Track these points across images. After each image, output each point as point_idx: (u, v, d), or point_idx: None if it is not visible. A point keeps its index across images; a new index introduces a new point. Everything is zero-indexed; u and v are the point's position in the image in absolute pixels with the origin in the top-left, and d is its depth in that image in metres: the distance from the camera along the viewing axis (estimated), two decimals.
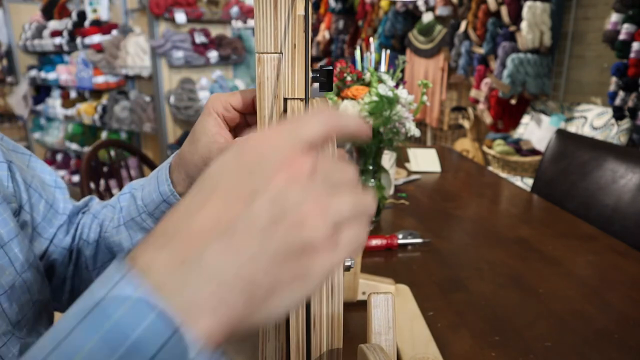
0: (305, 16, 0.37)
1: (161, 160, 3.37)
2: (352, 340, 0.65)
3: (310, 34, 0.39)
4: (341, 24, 4.26)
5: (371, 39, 1.03)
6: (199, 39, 3.14)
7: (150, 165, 1.70)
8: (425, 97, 0.97)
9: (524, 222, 1.09)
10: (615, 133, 2.19)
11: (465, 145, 3.19)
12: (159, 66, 3.11)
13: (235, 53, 3.36)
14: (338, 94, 0.95)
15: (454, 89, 3.59)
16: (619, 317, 0.71)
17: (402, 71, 0.96)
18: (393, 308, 0.34)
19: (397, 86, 0.92)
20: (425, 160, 1.53)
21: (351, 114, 0.34)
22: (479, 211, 1.16)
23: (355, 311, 0.71)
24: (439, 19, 3.40)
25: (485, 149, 2.73)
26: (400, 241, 0.94)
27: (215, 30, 3.37)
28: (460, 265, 0.87)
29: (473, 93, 2.98)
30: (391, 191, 1.21)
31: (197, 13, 3.13)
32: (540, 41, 2.56)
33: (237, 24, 3.57)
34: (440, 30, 3.35)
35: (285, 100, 0.41)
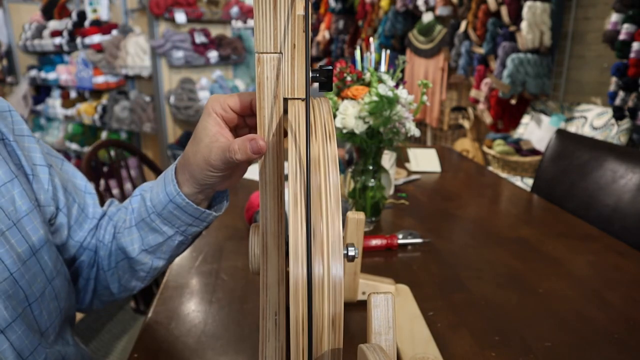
0: (305, 16, 0.37)
1: (161, 160, 3.38)
2: (352, 340, 0.65)
3: (310, 34, 0.39)
4: (341, 24, 4.26)
5: (371, 39, 1.03)
6: (199, 39, 3.14)
7: (150, 165, 1.70)
8: (425, 97, 0.97)
9: (524, 222, 1.09)
10: (615, 133, 2.19)
11: (465, 145, 3.19)
12: (159, 66, 3.11)
13: (235, 53, 3.36)
14: (338, 94, 0.95)
15: (454, 89, 3.59)
16: (619, 317, 0.71)
17: (402, 71, 0.96)
18: (393, 308, 0.34)
19: (397, 86, 0.92)
20: (425, 160, 1.53)
21: None
22: (479, 211, 1.16)
23: (355, 311, 0.71)
24: (439, 19, 3.40)
25: (485, 149, 2.73)
26: (400, 241, 0.94)
27: (215, 30, 3.37)
28: (460, 265, 0.87)
29: (473, 93, 2.98)
30: (391, 191, 1.21)
31: (197, 13, 3.13)
32: (540, 41, 2.56)
33: (237, 24, 3.57)
34: (440, 30, 3.35)
35: (285, 100, 0.41)
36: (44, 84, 3.94)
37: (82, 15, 3.60)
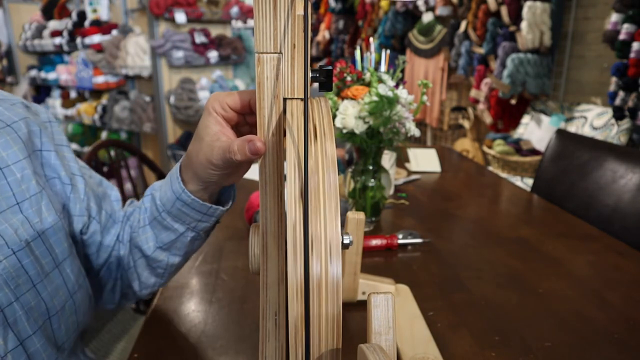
0: (305, 16, 0.37)
1: (161, 160, 3.38)
2: (352, 340, 0.65)
3: (310, 34, 0.39)
4: (341, 24, 4.26)
5: (371, 39, 1.03)
6: (199, 39, 3.14)
7: (150, 165, 1.69)
8: (425, 97, 0.97)
9: (524, 222, 1.09)
10: (615, 133, 2.19)
11: (465, 145, 3.19)
12: (159, 66, 3.11)
13: (235, 53, 3.36)
14: (338, 94, 0.95)
15: (454, 89, 3.59)
16: (619, 317, 0.71)
17: (402, 71, 0.96)
18: (393, 308, 0.34)
19: (397, 86, 0.92)
20: (425, 160, 1.53)
21: None
22: (479, 211, 1.16)
23: (355, 311, 0.71)
24: (439, 19, 3.40)
25: (485, 149, 2.73)
26: (400, 241, 0.94)
27: (215, 30, 3.37)
28: (460, 265, 0.87)
29: (473, 93, 2.98)
30: (391, 191, 1.21)
31: (197, 13, 3.13)
32: (540, 41, 2.56)
33: (237, 24, 3.57)
34: (440, 30, 3.35)
35: (285, 100, 0.41)
36: (44, 84, 3.94)
37: (82, 15, 3.60)
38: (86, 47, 3.46)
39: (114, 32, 3.38)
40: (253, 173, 1.36)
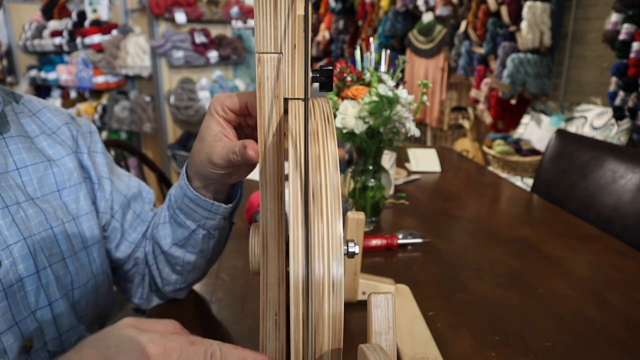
0: (305, 16, 0.37)
1: (161, 160, 3.37)
2: (352, 340, 0.65)
3: (310, 34, 0.39)
4: (341, 24, 4.26)
5: (371, 39, 1.03)
6: (199, 39, 3.14)
7: (150, 165, 1.70)
8: (425, 97, 0.97)
9: (524, 222, 1.09)
10: (615, 133, 2.19)
11: (465, 145, 3.19)
12: (159, 66, 3.10)
13: (235, 53, 3.36)
14: (338, 94, 0.95)
15: (454, 89, 3.59)
16: (619, 317, 0.71)
17: (402, 71, 0.96)
18: (393, 308, 0.34)
19: (397, 86, 0.92)
20: (425, 160, 1.53)
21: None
22: (479, 211, 1.16)
23: (355, 311, 0.71)
24: (439, 19, 3.40)
25: (485, 149, 2.73)
26: (400, 241, 0.94)
27: (215, 30, 3.37)
28: (460, 265, 0.87)
29: (473, 93, 2.98)
30: (391, 191, 1.21)
31: (197, 13, 3.13)
32: (540, 41, 2.56)
33: (237, 24, 3.57)
34: (440, 30, 3.35)
35: (286, 100, 0.41)
36: (44, 84, 3.94)
37: (82, 15, 3.60)
38: (86, 47, 3.46)
39: (114, 32, 3.38)
40: (253, 173, 1.36)
